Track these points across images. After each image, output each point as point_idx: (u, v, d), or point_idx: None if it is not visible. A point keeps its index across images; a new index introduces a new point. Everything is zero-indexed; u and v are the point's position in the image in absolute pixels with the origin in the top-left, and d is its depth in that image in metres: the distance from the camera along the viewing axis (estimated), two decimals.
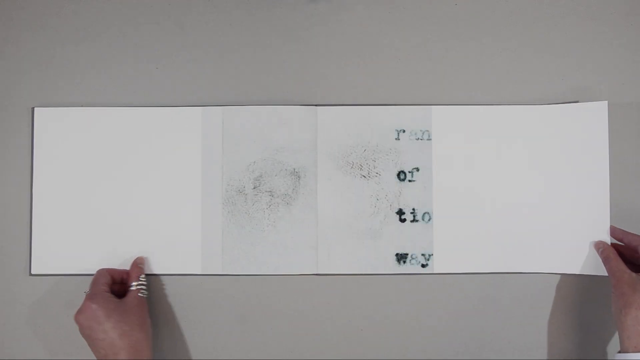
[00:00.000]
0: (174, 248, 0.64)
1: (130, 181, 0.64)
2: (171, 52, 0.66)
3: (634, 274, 0.57)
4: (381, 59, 0.66)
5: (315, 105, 0.65)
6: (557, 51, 0.66)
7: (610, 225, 0.62)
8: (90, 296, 0.58)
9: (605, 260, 0.60)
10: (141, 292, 0.61)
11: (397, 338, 0.64)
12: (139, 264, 0.63)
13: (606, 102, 0.63)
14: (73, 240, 0.64)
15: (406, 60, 0.66)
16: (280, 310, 0.64)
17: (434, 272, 0.64)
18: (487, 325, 0.64)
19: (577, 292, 0.64)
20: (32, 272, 0.64)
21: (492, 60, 0.66)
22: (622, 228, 0.62)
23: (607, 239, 0.62)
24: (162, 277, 0.64)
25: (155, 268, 0.64)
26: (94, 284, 0.60)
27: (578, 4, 0.67)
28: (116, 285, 0.62)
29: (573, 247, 0.63)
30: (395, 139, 0.65)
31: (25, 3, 0.66)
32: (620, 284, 0.56)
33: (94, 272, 0.63)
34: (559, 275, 0.64)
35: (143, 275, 0.62)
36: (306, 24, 0.66)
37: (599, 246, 0.61)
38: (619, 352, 0.56)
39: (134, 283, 0.61)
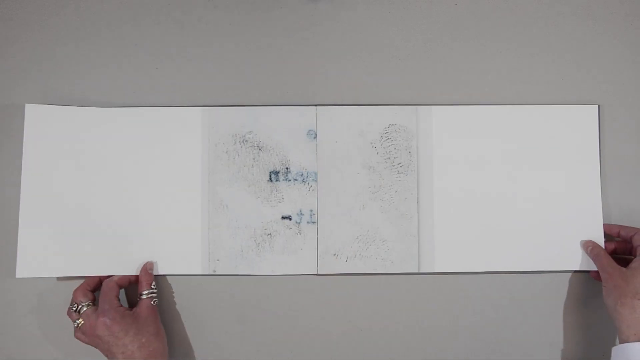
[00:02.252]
0: (174, 248, 0.64)
1: (128, 181, 0.64)
2: (171, 52, 0.66)
3: (623, 268, 0.59)
4: (381, 59, 0.66)
5: (315, 105, 0.65)
6: (556, 51, 0.66)
7: (605, 224, 0.64)
8: (103, 312, 0.58)
9: (596, 258, 0.62)
10: (153, 300, 0.61)
11: (397, 338, 0.64)
12: (149, 269, 0.62)
13: (597, 106, 0.65)
14: (64, 242, 0.63)
15: (406, 60, 0.66)
16: (280, 310, 0.64)
17: (434, 272, 0.64)
18: (487, 324, 0.64)
19: (576, 290, 0.64)
20: (18, 275, 0.62)
21: (492, 61, 0.66)
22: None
23: (601, 236, 0.63)
24: (161, 277, 0.64)
25: (155, 269, 0.64)
26: (105, 297, 0.59)
27: (577, 4, 0.67)
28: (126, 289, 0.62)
29: (570, 244, 0.64)
30: (395, 138, 0.65)
31: (25, 3, 0.66)
32: (613, 277, 0.58)
33: (92, 272, 0.63)
34: (557, 273, 0.64)
35: (153, 283, 0.62)
36: (306, 24, 0.66)
37: (588, 245, 0.63)
38: (619, 343, 0.56)
39: (145, 291, 0.61)
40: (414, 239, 0.64)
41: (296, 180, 0.64)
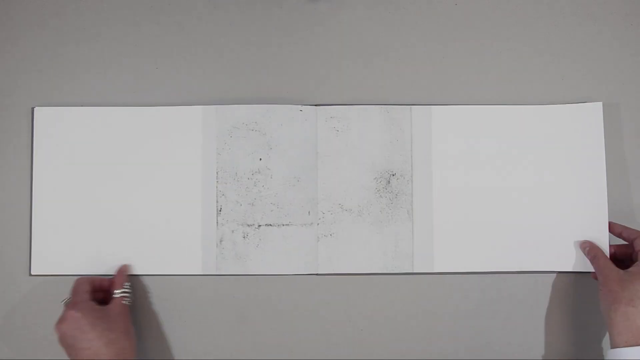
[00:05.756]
0: (174, 248, 0.64)
1: (130, 181, 0.64)
2: (171, 52, 0.66)
3: (621, 271, 0.57)
4: (381, 59, 0.66)
5: (315, 105, 0.65)
6: (556, 51, 0.66)
7: (610, 221, 0.63)
8: (73, 305, 0.57)
9: (594, 259, 0.60)
10: (125, 300, 0.60)
11: (397, 338, 0.64)
12: (123, 271, 0.62)
13: (601, 103, 0.64)
14: (73, 240, 0.64)
15: (406, 60, 0.66)
16: (280, 310, 0.64)
17: (434, 272, 0.64)
18: (487, 324, 0.64)
19: (577, 291, 0.64)
20: (32, 273, 0.64)
21: (492, 60, 0.66)
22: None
23: (606, 236, 0.63)
24: (162, 277, 0.64)
25: (155, 268, 0.64)
26: (75, 292, 0.59)
27: (578, 4, 0.67)
28: (99, 293, 0.61)
29: (572, 245, 0.64)
30: (396, 138, 0.65)
31: (25, 3, 0.66)
32: (608, 281, 0.57)
33: (94, 272, 0.63)
34: (559, 274, 0.64)
35: (128, 283, 0.62)
36: (306, 24, 0.66)
37: (585, 246, 0.62)
38: (611, 348, 0.56)
39: (118, 290, 0.60)
40: (413, 239, 0.64)
41: (296, 179, 0.64)
